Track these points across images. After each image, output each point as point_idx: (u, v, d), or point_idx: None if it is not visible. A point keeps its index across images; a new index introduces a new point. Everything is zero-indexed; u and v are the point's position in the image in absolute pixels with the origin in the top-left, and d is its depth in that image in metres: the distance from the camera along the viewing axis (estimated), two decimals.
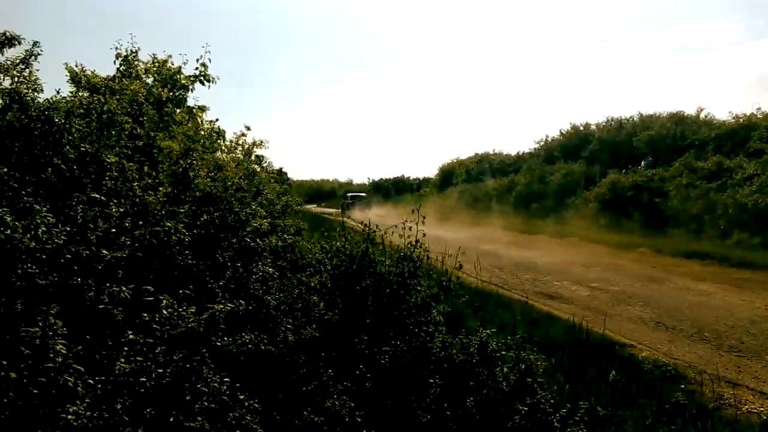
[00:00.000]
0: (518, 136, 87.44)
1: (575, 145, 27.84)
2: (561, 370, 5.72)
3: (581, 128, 29.12)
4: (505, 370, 4.14)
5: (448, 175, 40.56)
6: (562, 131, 30.36)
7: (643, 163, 21.85)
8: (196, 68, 8.86)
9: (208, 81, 8.94)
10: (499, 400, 3.96)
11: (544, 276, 11.67)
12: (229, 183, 6.07)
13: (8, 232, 2.91)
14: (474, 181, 35.22)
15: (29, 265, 2.95)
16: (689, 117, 23.10)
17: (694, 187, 17.27)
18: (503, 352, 4.32)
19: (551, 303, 9.18)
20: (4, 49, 4.85)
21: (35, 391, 2.36)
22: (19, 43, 4.91)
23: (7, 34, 4.82)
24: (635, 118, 26.03)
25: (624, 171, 22.11)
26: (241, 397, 3.15)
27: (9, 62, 4.89)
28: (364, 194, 40.55)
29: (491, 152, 37.43)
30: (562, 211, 23.36)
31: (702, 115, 22.70)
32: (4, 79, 4.85)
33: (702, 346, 6.82)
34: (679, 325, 7.70)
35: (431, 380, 4.09)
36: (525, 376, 4.07)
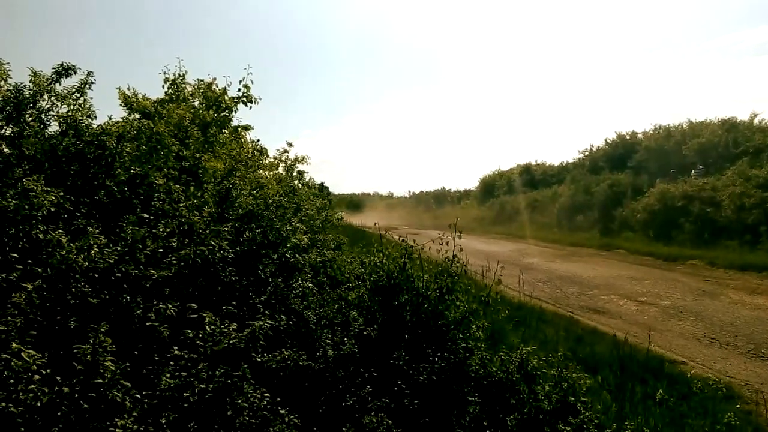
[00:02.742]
0: (562, 147, 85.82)
1: (621, 155, 27.12)
2: (607, 388, 5.55)
3: (627, 137, 28.35)
4: (547, 388, 4.05)
5: (490, 187, 40.20)
6: (608, 140, 29.70)
7: (693, 171, 21.02)
8: (239, 90, 9.21)
9: (251, 102, 9.27)
10: (540, 419, 3.88)
11: (590, 290, 11.34)
12: (270, 201, 6.23)
13: (63, 252, 3.09)
14: (516, 193, 34.77)
15: (82, 284, 3.12)
16: (742, 123, 22.06)
17: (749, 197, 16.45)
18: (544, 370, 4.23)
19: (597, 318, 8.92)
20: (62, 79, 5.15)
21: (86, 406, 2.48)
22: (75, 73, 5.21)
23: (65, 64, 5.14)
24: (684, 126, 25.14)
25: (673, 180, 21.30)
26: (281, 411, 3.21)
27: (66, 91, 5.21)
28: (343, 215, 61.06)
29: (534, 163, 36.95)
30: (608, 223, 22.71)
31: (756, 121, 21.66)
32: (61, 107, 5.17)
33: (759, 363, 6.50)
34: (734, 342, 7.36)
35: (470, 398, 4.04)
36: (568, 395, 3.98)
